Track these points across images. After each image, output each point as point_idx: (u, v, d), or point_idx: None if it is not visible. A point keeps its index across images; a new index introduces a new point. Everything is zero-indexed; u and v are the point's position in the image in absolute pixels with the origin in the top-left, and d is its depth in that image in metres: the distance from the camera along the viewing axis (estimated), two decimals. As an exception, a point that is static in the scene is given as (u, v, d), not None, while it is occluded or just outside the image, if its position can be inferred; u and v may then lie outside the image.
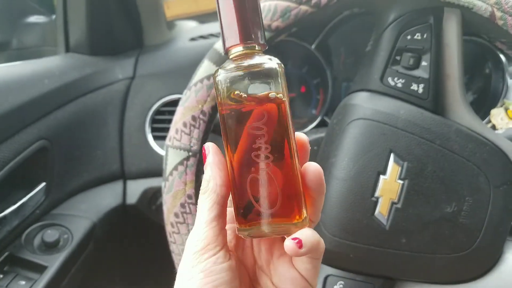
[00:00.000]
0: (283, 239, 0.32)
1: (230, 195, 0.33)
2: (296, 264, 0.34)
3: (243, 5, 0.31)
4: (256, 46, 0.32)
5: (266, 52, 0.33)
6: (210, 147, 0.33)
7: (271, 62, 0.31)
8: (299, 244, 0.30)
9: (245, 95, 0.31)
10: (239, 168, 0.31)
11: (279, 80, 0.31)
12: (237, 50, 0.32)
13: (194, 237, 0.32)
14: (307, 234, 0.30)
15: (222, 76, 0.31)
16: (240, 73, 0.31)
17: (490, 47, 0.75)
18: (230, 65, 0.31)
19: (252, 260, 0.36)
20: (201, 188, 0.33)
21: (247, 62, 0.31)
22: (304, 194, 0.32)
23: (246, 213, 0.32)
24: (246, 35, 0.31)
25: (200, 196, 0.33)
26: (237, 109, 0.31)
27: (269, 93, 0.31)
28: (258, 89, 0.31)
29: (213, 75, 0.32)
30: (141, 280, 1.08)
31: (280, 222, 0.31)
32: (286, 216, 0.31)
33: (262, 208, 0.31)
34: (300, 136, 0.33)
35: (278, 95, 0.31)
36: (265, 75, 0.31)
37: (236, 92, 0.31)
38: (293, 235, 0.30)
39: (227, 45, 0.32)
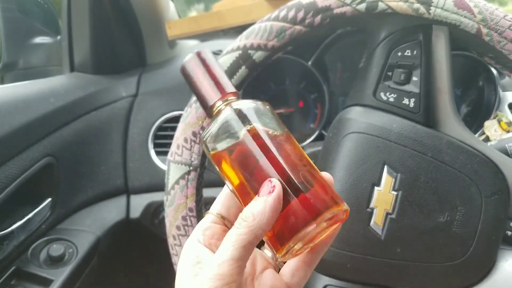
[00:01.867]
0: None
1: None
2: (289, 273, 0.35)
3: (202, 74, 0.38)
4: (229, 97, 0.37)
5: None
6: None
7: (227, 111, 0.35)
8: None
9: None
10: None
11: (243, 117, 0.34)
12: (214, 109, 0.36)
13: (219, 274, 0.31)
14: None
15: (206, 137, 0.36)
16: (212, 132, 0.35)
17: (481, 61, 0.77)
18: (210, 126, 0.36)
19: None
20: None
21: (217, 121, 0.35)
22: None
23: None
24: (212, 96, 0.37)
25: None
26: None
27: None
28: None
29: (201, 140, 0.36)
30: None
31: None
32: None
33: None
34: None
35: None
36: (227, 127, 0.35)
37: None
38: None
39: (207, 110, 0.37)
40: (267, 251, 0.39)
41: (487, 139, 0.75)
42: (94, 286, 0.82)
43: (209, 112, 0.37)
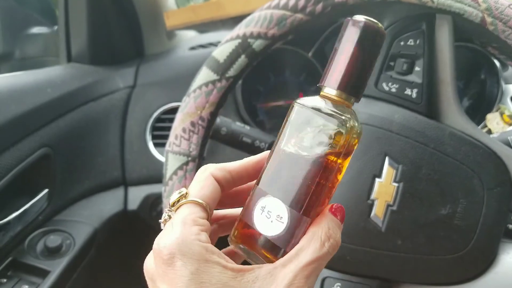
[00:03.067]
0: None
1: None
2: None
3: (368, 55, 0.31)
4: (352, 99, 0.32)
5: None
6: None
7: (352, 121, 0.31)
8: None
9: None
10: None
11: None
12: (333, 93, 0.31)
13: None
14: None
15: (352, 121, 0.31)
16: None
17: (484, 53, 0.76)
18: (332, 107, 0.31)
19: None
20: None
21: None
22: None
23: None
24: (352, 87, 0.31)
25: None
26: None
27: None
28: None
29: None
30: (143, 284, 1.08)
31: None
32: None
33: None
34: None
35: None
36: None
37: None
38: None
39: (329, 84, 0.31)
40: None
41: (489, 132, 0.75)
42: (92, 278, 0.81)
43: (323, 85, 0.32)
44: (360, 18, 0.31)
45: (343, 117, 0.30)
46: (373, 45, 0.31)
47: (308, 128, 0.31)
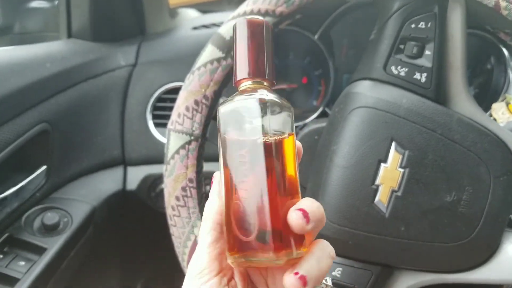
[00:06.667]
0: None
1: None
2: None
3: (257, 43, 0.33)
4: (265, 82, 0.34)
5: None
6: (217, 177, 0.34)
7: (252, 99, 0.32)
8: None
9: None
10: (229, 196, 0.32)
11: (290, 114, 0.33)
12: (247, 83, 0.34)
13: (193, 260, 0.33)
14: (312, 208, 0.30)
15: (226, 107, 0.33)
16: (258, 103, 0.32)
17: (493, 41, 0.75)
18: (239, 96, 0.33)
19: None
20: (203, 213, 0.34)
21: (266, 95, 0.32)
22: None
23: (232, 244, 0.31)
24: (258, 71, 0.33)
25: (202, 222, 0.33)
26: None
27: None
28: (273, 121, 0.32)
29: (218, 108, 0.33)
30: (140, 264, 1.08)
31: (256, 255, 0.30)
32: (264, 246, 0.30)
33: (242, 236, 0.30)
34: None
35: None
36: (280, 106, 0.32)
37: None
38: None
39: (238, 78, 0.34)
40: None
41: (494, 122, 0.74)
42: (89, 256, 0.81)
43: (236, 83, 0.35)
44: (244, 18, 0.34)
45: (261, 96, 0.32)
46: (261, 35, 0.34)
47: (239, 120, 0.32)
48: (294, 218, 0.29)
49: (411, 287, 0.55)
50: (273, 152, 0.31)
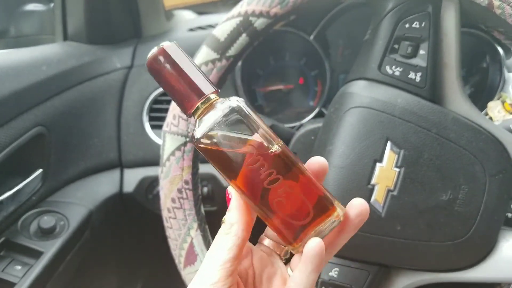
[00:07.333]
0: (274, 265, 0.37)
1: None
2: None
3: (181, 72, 0.34)
4: (210, 96, 0.34)
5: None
6: (232, 192, 0.35)
7: (231, 102, 0.33)
8: None
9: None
10: (260, 202, 0.34)
11: (248, 113, 0.33)
12: (198, 109, 0.34)
13: (206, 272, 0.33)
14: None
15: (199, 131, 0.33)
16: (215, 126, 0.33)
17: (488, 40, 0.75)
18: (202, 124, 0.33)
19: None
20: (223, 228, 0.34)
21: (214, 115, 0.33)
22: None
23: (294, 234, 0.34)
24: (197, 94, 0.34)
25: (222, 236, 0.34)
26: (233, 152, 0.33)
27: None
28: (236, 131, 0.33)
29: (192, 142, 0.34)
30: (138, 267, 1.08)
31: (323, 222, 0.34)
32: (324, 213, 0.34)
33: (302, 221, 0.34)
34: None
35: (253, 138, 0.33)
36: (235, 120, 0.33)
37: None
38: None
39: (188, 111, 0.34)
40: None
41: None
42: (86, 260, 0.81)
43: (191, 114, 0.35)
44: (155, 48, 0.34)
45: (228, 104, 0.33)
46: (177, 56, 0.34)
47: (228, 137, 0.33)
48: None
49: (408, 287, 0.55)
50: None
